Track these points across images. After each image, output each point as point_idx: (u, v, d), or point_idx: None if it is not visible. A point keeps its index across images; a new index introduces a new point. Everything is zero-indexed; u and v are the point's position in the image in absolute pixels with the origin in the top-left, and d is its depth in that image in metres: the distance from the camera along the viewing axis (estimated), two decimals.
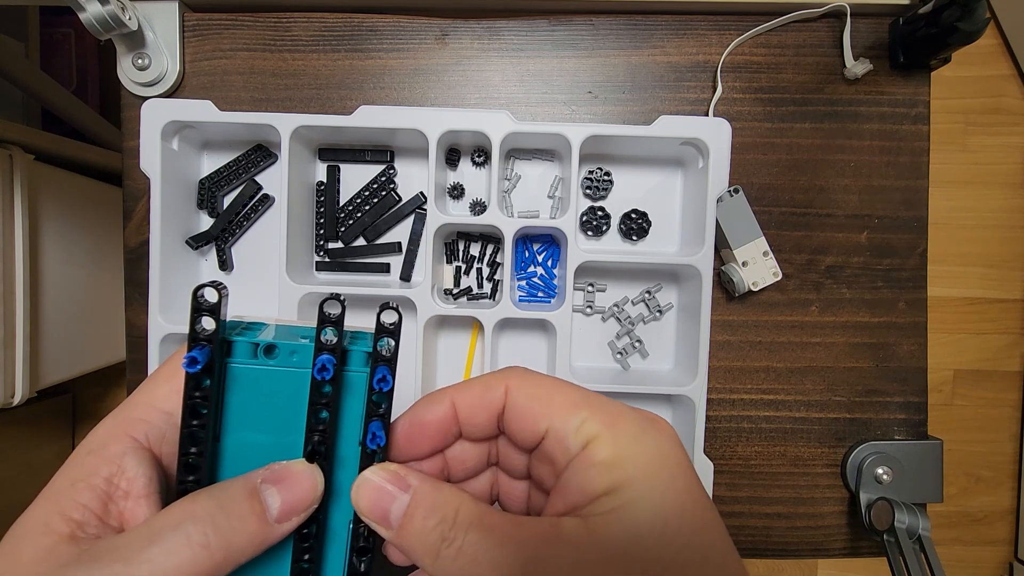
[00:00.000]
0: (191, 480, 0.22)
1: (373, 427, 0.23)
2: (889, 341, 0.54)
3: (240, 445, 0.23)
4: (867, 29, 0.53)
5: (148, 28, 0.50)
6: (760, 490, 0.54)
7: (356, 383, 0.23)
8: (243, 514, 0.21)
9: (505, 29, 0.53)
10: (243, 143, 0.53)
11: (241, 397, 0.23)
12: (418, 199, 0.53)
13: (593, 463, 0.22)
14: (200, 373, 0.21)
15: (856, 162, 0.53)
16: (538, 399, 0.24)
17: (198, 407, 0.22)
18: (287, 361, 0.23)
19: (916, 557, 0.47)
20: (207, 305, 0.21)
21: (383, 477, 0.23)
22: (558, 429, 0.24)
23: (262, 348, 0.23)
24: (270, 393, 0.23)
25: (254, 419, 0.23)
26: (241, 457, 0.23)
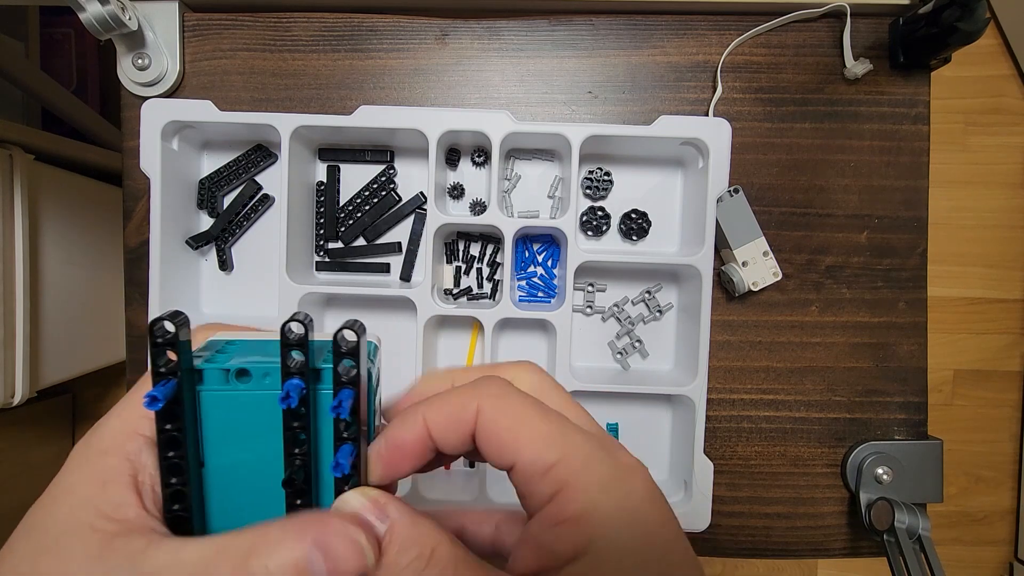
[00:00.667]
0: (177, 509, 0.22)
1: (340, 455, 0.22)
2: (889, 341, 0.54)
3: (225, 469, 0.22)
4: (867, 29, 0.53)
5: (148, 28, 0.50)
6: (760, 490, 0.54)
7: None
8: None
9: (505, 29, 0.53)
10: (243, 143, 0.53)
11: (219, 423, 0.22)
12: (418, 199, 0.53)
13: (562, 519, 0.21)
14: (169, 407, 0.21)
15: (856, 162, 0.53)
16: (507, 429, 0.22)
17: (174, 439, 0.21)
18: (261, 384, 0.22)
19: (916, 557, 0.47)
20: (166, 339, 0.20)
21: (362, 504, 0.22)
22: (525, 468, 0.22)
23: (233, 373, 0.22)
24: (248, 417, 0.22)
25: (236, 443, 0.22)
26: (228, 480, 0.23)
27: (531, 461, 0.22)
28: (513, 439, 0.22)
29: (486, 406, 0.23)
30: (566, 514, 0.21)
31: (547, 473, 0.21)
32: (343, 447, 0.22)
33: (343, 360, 0.21)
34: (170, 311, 0.21)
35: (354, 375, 0.21)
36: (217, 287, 0.54)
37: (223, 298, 0.54)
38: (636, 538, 0.21)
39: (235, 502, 0.23)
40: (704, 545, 0.54)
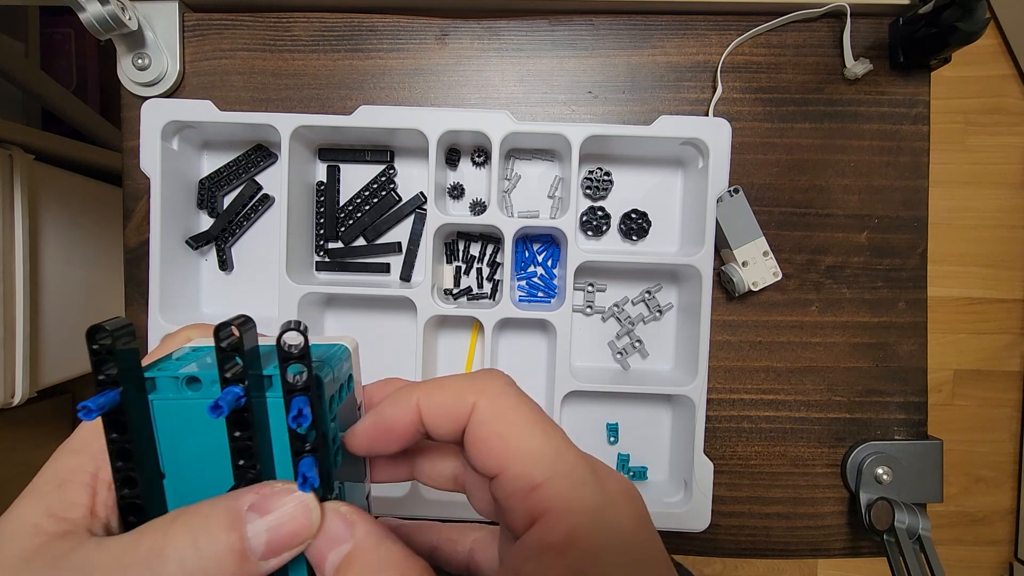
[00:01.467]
0: (131, 520, 0.21)
1: (302, 467, 0.20)
2: (889, 341, 0.54)
3: (185, 478, 0.22)
4: (867, 29, 0.53)
5: (148, 28, 0.50)
6: (760, 490, 0.54)
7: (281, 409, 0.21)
8: (220, 554, 0.18)
9: (505, 29, 0.53)
10: (243, 143, 0.53)
11: (174, 432, 0.21)
12: (418, 199, 0.53)
13: (546, 546, 0.19)
14: (114, 417, 0.20)
15: (856, 162, 0.53)
16: (497, 435, 0.21)
17: (123, 450, 0.20)
18: (210, 392, 0.21)
19: (916, 557, 0.47)
20: (103, 347, 0.19)
21: (329, 519, 0.20)
22: (509, 483, 0.21)
23: (183, 380, 0.21)
24: (202, 426, 0.21)
25: (193, 452, 0.22)
26: (188, 491, 0.22)
27: (517, 476, 0.20)
28: (502, 448, 0.21)
29: (482, 404, 0.22)
30: (550, 541, 0.19)
31: (531, 493, 0.20)
32: (304, 459, 0.21)
33: (290, 365, 0.20)
34: (115, 319, 0.19)
35: (305, 381, 0.20)
36: (217, 287, 0.54)
37: (223, 298, 0.54)
38: (626, 568, 0.20)
39: None
40: (704, 545, 0.54)
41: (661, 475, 0.54)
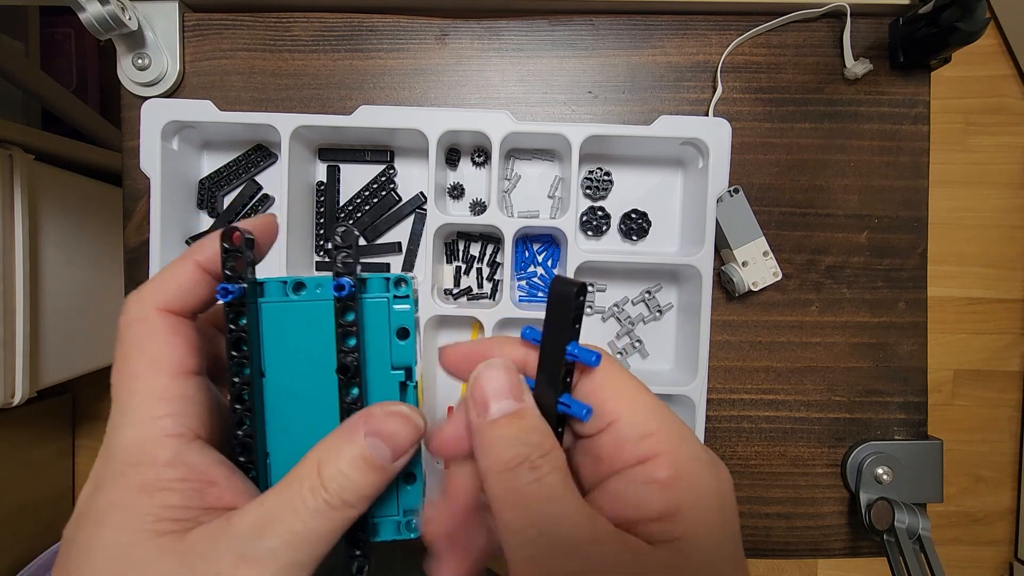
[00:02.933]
0: (242, 460, 0.24)
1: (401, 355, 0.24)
2: (889, 341, 0.54)
3: (283, 378, 0.24)
4: (867, 29, 0.53)
5: (148, 28, 0.50)
6: (760, 490, 0.54)
7: (377, 309, 0.25)
8: (355, 470, 0.22)
9: (505, 29, 0.53)
10: (243, 143, 0.53)
11: (276, 333, 0.24)
12: (418, 199, 0.53)
13: (652, 479, 0.22)
14: (236, 309, 0.23)
15: (856, 162, 0.53)
16: (613, 387, 0.24)
17: (240, 339, 0.23)
18: (314, 295, 0.24)
19: (916, 557, 0.47)
20: (234, 247, 0.23)
21: (508, 375, 0.23)
22: (622, 428, 0.23)
23: (291, 285, 0.24)
24: (303, 326, 0.24)
25: (292, 353, 0.24)
26: (285, 393, 0.24)
27: (632, 422, 0.23)
28: (619, 397, 0.23)
29: (606, 362, 0.24)
30: (658, 476, 0.22)
31: (643, 439, 0.22)
32: (402, 344, 0.25)
33: (342, 252, 0.24)
34: (234, 225, 0.23)
35: (351, 265, 0.24)
36: None
37: None
38: (721, 525, 0.22)
39: (292, 415, 0.25)
40: None
41: None
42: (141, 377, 0.23)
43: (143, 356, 0.23)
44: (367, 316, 0.25)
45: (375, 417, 0.23)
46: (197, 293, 0.24)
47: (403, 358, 0.25)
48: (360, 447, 0.22)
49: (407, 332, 0.25)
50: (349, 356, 0.24)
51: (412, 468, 0.25)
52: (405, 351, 0.25)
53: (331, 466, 0.22)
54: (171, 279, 0.24)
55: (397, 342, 0.25)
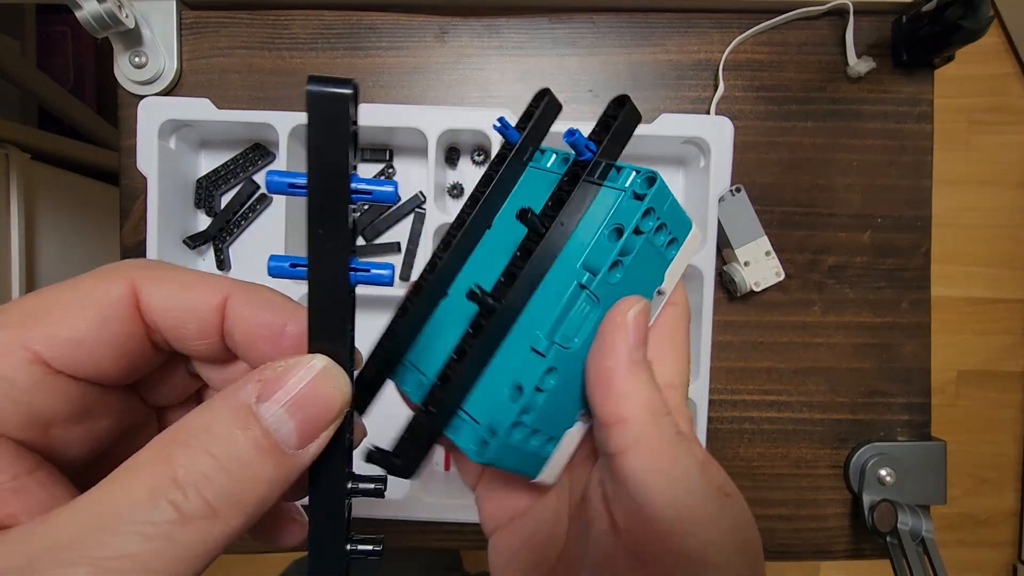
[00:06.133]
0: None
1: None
2: (892, 342, 0.53)
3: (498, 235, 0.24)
4: (870, 27, 0.52)
5: (145, 26, 0.50)
6: (762, 492, 0.54)
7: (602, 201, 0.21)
8: (243, 458, 0.15)
9: (505, 27, 0.52)
10: (241, 142, 0.52)
11: (518, 196, 0.24)
12: (417, 198, 0.52)
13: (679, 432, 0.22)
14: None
15: (859, 161, 0.53)
16: (665, 335, 0.24)
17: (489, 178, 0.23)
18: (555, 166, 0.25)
19: (919, 559, 0.47)
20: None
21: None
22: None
23: (561, 158, 0.25)
24: (531, 192, 0.24)
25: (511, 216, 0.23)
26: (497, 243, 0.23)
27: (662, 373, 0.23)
28: (664, 346, 0.23)
29: (672, 307, 0.24)
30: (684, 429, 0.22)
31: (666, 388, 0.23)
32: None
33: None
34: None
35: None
36: None
37: None
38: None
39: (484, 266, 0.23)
40: None
41: None
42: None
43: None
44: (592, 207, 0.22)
45: (274, 373, 0.16)
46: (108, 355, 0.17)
47: (598, 259, 0.20)
48: (244, 420, 0.15)
49: (621, 231, 0.21)
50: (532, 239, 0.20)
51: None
52: (605, 251, 0.20)
53: (192, 452, 0.14)
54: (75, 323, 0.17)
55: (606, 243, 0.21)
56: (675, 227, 0.22)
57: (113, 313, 0.17)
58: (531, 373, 0.20)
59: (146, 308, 0.18)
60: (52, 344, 0.16)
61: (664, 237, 0.22)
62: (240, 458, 0.15)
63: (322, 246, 0.17)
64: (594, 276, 0.20)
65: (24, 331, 0.16)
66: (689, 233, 0.23)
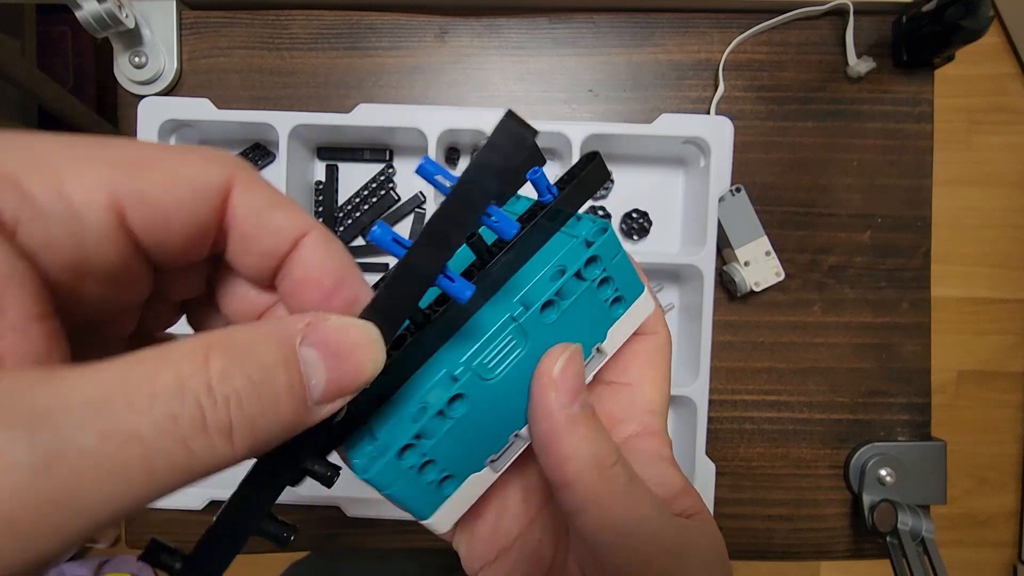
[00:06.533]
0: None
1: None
2: (892, 342, 0.53)
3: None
4: (870, 27, 0.52)
5: (145, 26, 0.50)
6: (762, 492, 0.54)
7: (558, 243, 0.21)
8: (275, 393, 0.14)
9: (505, 27, 0.52)
10: (241, 142, 0.52)
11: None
12: (417, 198, 0.52)
13: (662, 456, 0.23)
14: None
15: (859, 161, 0.53)
16: (653, 354, 0.25)
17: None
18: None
19: (919, 559, 0.47)
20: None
21: (580, 361, 0.20)
22: (638, 393, 0.24)
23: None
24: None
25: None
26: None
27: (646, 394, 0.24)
28: (649, 366, 0.25)
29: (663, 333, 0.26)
30: (665, 454, 0.23)
31: (649, 414, 0.23)
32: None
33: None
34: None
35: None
36: None
37: None
38: None
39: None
40: None
41: None
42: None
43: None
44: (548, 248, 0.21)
45: (328, 322, 0.15)
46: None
47: (534, 295, 0.20)
48: (289, 353, 0.14)
49: (563, 273, 0.20)
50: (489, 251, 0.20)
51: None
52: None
53: (231, 366, 0.13)
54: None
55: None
56: (624, 286, 0.22)
57: (204, 200, 0.16)
58: (438, 396, 0.19)
59: (231, 209, 0.17)
60: (138, 201, 0.15)
61: (609, 292, 0.22)
62: (273, 394, 0.14)
63: (432, 240, 0.17)
64: (527, 310, 0.20)
65: (117, 174, 0.15)
66: (639, 296, 0.23)
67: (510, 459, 0.21)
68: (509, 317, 0.20)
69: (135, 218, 0.15)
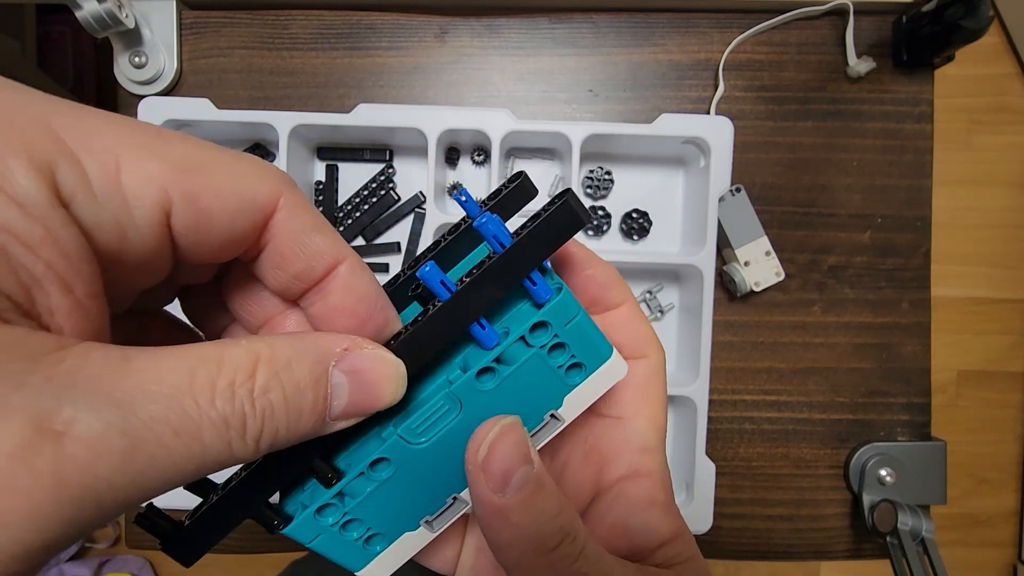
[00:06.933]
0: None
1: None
2: (892, 342, 0.53)
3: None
4: (870, 27, 0.52)
5: (145, 26, 0.50)
6: (762, 492, 0.54)
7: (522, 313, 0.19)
8: (301, 409, 0.15)
9: (505, 27, 0.52)
10: (241, 142, 0.52)
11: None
12: (417, 198, 0.52)
13: (654, 502, 0.21)
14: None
15: (859, 161, 0.53)
16: (647, 387, 0.23)
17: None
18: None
19: (919, 559, 0.47)
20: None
21: (519, 432, 0.18)
22: (630, 429, 0.23)
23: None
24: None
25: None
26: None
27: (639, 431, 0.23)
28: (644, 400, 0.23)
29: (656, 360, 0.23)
30: (658, 499, 0.22)
31: (643, 452, 0.22)
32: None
33: None
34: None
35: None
36: None
37: None
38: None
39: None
40: (706, 547, 0.53)
41: None
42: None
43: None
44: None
45: (363, 351, 0.16)
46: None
47: (473, 359, 0.19)
48: (322, 374, 0.16)
49: (507, 335, 0.19)
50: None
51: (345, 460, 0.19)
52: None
53: (272, 376, 0.15)
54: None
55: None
56: (583, 351, 0.20)
57: (249, 213, 0.16)
58: (360, 457, 0.19)
59: (273, 226, 0.17)
60: (186, 202, 0.15)
61: (563, 359, 0.19)
62: (298, 409, 0.15)
63: (479, 290, 0.17)
64: (463, 374, 0.18)
65: (171, 171, 0.15)
66: (605, 362, 0.20)
67: (449, 520, 0.21)
68: (446, 380, 0.19)
69: (179, 218, 0.15)
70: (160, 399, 0.13)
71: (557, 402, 0.20)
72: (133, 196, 0.14)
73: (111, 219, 0.14)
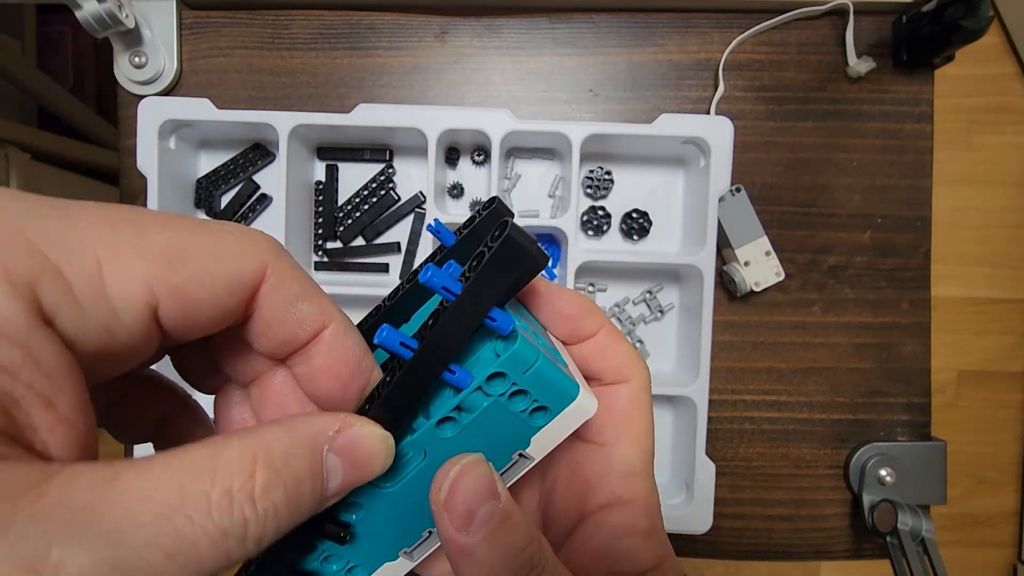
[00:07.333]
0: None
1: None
2: (892, 342, 0.53)
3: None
4: (870, 27, 0.52)
5: (145, 26, 0.50)
6: (762, 492, 0.54)
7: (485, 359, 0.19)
8: (301, 498, 0.15)
9: (505, 27, 0.52)
10: (241, 142, 0.52)
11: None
12: (417, 198, 0.52)
13: (635, 530, 0.21)
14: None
15: (859, 161, 0.53)
16: (632, 411, 0.22)
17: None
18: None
19: (919, 559, 0.47)
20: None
21: (483, 467, 0.18)
22: (614, 455, 0.22)
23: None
24: None
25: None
26: None
27: (623, 456, 0.22)
28: (629, 424, 0.22)
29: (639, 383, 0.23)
30: (639, 527, 0.21)
31: (627, 477, 0.22)
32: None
33: None
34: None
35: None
36: None
37: None
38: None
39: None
40: (706, 547, 0.53)
41: (663, 477, 0.54)
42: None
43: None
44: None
45: (353, 430, 0.17)
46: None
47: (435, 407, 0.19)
48: (317, 461, 0.16)
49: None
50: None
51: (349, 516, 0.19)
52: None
53: (273, 476, 0.14)
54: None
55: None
56: (546, 395, 0.19)
57: (236, 293, 0.17)
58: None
59: (259, 298, 0.17)
60: (172, 296, 0.15)
61: (524, 404, 0.19)
62: (299, 497, 0.15)
63: (438, 343, 0.17)
64: (426, 422, 0.19)
65: (155, 268, 0.15)
66: (571, 403, 0.20)
67: (428, 550, 0.21)
68: (409, 427, 0.19)
69: (166, 311, 0.16)
70: (151, 522, 0.12)
71: (524, 443, 0.20)
72: (119, 299, 0.15)
73: (98, 325, 0.14)
